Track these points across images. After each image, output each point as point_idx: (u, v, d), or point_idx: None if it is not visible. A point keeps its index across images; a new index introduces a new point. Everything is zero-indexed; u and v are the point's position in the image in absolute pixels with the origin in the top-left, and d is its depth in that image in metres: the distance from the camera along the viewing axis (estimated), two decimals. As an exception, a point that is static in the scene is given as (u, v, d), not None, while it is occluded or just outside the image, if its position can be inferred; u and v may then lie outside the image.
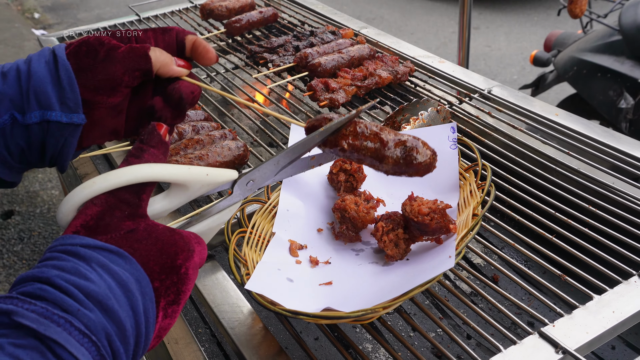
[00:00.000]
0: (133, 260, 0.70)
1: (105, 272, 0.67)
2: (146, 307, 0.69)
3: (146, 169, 0.74)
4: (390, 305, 0.92)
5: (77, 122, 0.88)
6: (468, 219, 1.08)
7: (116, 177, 0.72)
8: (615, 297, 1.08)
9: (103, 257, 0.68)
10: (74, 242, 0.69)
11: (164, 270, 0.72)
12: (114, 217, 0.72)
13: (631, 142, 1.55)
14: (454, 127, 1.27)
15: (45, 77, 0.87)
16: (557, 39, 3.95)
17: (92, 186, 0.72)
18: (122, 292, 0.67)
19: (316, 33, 2.18)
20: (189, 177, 0.78)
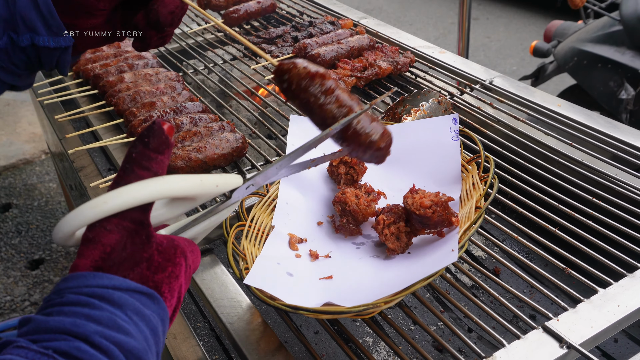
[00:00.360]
0: (160, 300, 0.66)
1: (141, 320, 0.62)
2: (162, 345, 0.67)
3: (161, 185, 0.67)
4: (392, 300, 0.90)
5: (64, 45, 0.93)
6: (471, 211, 1.06)
7: (130, 196, 0.64)
8: (620, 290, 1.06)
9: (137, 300, 0.63)
10: (102, 284, 0.62)
11: (172, 292, 0.69)
12: (135, 246, 0.66)
13: (634, 133, 1.53)
14: (456, 118, 1.25)
15: (27, 2, 0.89)
16: (557, 30, 3.92)
17: (103, 205, 0.64)
18: (154, 340, 0.63)
19: (315, 23, 2.15)
20: (200, 189, 0.74)
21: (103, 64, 1.91)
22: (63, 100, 1.91)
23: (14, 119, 5.09)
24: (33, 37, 0.91)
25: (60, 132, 1.85)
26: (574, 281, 1.13)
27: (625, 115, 3.17)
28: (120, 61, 1.93)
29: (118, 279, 0.63)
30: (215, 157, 1.46)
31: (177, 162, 1.41)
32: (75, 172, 1.72)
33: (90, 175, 1.69)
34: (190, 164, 1.42)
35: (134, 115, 1.62)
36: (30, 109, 5.16)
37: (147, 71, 1.85)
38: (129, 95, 1.70)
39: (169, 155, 0.72)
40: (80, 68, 1.93)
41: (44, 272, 3.57)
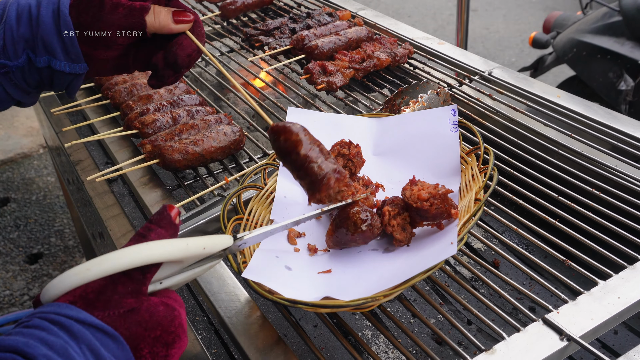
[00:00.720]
0: (126, 347, 0.66)
1: (93, 356, 0.63)
2: None
3: (147, 250, 0.70)
4: (391, 294, 0.89)
5: (79, 72, 0.97)
6: (470, 203, 1.05)
7: (112, 262, 0.68)
8: (621, 282, 1.06)
9: (96, 338, 0.64)
10: (68, 314, 0.64)
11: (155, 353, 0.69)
12: (115, 293, 0.68)
13: (633, 123, 1.52)
14: (455, 109, 1.24)
15: (51, 28, 0.93)
16: (557, 21, 3.91)
17: (85, 273, 0.67)
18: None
19: (313, 15, 2.14)
20: (186, 253, 0.75)
21: (99, 56, 1.90)
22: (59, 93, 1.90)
23: (11, 112, 5.08)
24: (50, 60, 0.95)
25: (57, 126, 1.84)
26: (573, 273, 1.12)
27: (624, 106, 3.16)
28: (116, 54, 1.91)
29: (84, 314, 0.65)
30: (212, 150, 1.45)
31: (174, 155, 1.40)
32: (72, 166, 1.71)
33: (87, 169, 1.68)
34: (188, 157, 1.42)
35: (130, 109, 1.61)
36: (28, 103, 5.14)
37: (144, 64, 1.83)
38: (126, 88, 1.69)
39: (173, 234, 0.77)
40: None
41: (43, 266, 3.57)
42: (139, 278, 0.70)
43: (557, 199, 1.28)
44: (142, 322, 0.68)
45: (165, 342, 0.70)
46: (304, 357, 1.23)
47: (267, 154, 1.51)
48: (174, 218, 0.77)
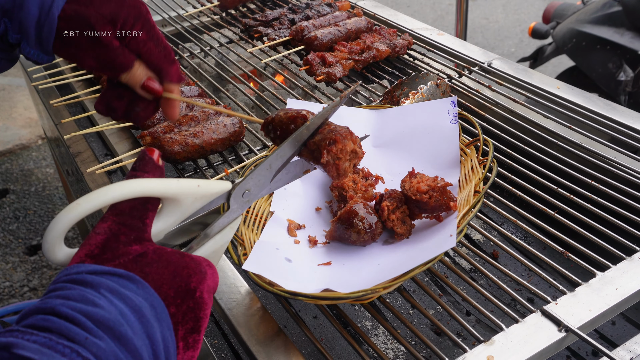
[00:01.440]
0: (146, 284, 0.65)
1: (116, 297, 0.62)
2: (164, 336, 0.64)
3: (132, 184, 0.69)
4: (391, 286, 0.90)
5: (44, 62, 0.97)
6: (469, 195, 1.06)
7: (99, 196, 0.67)
8: (619, 273, 1.06)
9: (112, 282, 0.63)
10: (79, 270, 0.64)
11: (179, 294, 0.68)
12: (119, 243, 0.68)
13: (632, 115, 1.52)
14: (455, 101, 1.24)
15: (32, 20, 0.91)
16: (556, 11, 3.90)
17: (77, 208, 0.66)
18: (136, 317, 0.62)
19: (312, 5, 2.13)
20: (178, 189, 0.73)
21: (98, 48, 1.89)
22: (58, 85, 1.90)
23: (9, 104, 5.06)
24: (22, 45, 0.94)
25: (56, 117, 1.84)
26: (572, 264, 1.12)
27: (624, 97, 3.16)
28: (115, 45, 1.90)
29: (93, 266, 0.64)
30: (212, 141, 1.45)
31: (174, 147, 1.40)
32: (72, 158, 1.71)
33: (86, 160, 1.68)
34: (188, 149, 1.42)
35: (130, 100, 1.61)
36: (26, 94, 5.13)
37: (143, 55, 1.83)
38: (125, 79, 1.69)
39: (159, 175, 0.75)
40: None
41: (42, 258, 3.58)
42: (139, 226, 0.70)
43: (556, 191, 1.28)
44: (152, 263, 0.68)
45: (181, 276, 0.69)
46: (304, 348, 1.23)
47: (267, 145, 1.51)
48: (157, 160, 0.75)
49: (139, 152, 0.75)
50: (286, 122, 0.95)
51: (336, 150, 0.91)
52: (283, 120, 0.96)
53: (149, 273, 0.67)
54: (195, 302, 0.69)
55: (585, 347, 1.24)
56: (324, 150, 0.90)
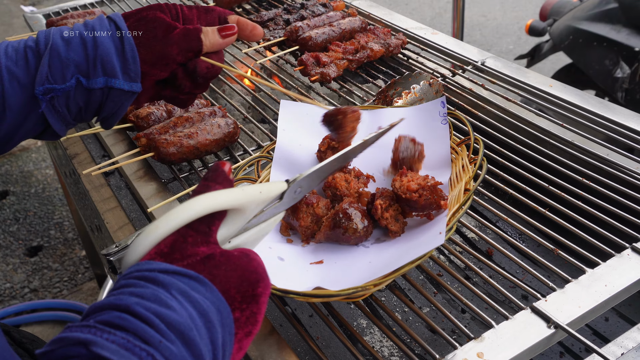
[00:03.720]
0: (214, 288, 0.66)
1: (186, 299, 0.62)
2: (225, 340, 0.65)
3: (206, 200, 0.70)
4: (381, 283, 0.91)
5: (136, 90, 1.01)
6: (460, 194, 1.07)
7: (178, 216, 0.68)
8: (608, 270, 1.07)
9: (183, 283, 0.64)
10: (150, 268, 0.64)
11: (246, 299, 0.68)
12: (187, 244, 0.68)
13: (626, 113, 1.53)
14: (444, 101, 1.25)
15: (111, 48, 0.97)
16: (553, 8, 3.90)
17: (156, 231, 0.68)
18: (203, 322, 0.62)
19: (307, 6, 2.14)
20: (244, 199, 0.74)
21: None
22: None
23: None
24: (108, 80, 0.98)
25: (53, 120, 1.85)
26: (566, 262, 1.13)
27: (620, 93, 3.17)
28: (111, 47, 1.92)
29: (164, 264, 0.65)
30: (207, 142, 1.46)
31: (169, 148, 1.42)
32: (69, 159, 1.73)
33: (83, 162, 1.70)
34: (182, 150, 1.43)
35: (125, 102, 1.62)
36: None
37: (139, 57, 1.84)
38: (121, 81, 1.70)
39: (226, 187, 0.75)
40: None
41: (43, 259, 3.59)
42: (205, 231, 0.70)
43: (548, 189, 1.29)
44: (220, 265, 0.68)
45: (249, 281, 0.69)
46: (300, 346, 1.24)
47: (262, 146, 1.52)
48: (229, 173, 0.77)
49: (213, 164, 0.78)
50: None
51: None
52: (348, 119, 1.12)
53: (217, 275, 0.67)
54: (258, 307, 0.70)
55: (579, 343, 1.25)
56: None
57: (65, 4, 2.52)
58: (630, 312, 1.40)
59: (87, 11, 2.22)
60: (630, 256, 1.10)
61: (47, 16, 2.43)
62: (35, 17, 2.45)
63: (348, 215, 1.06)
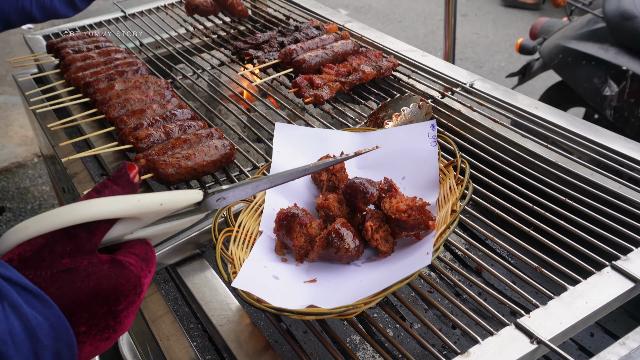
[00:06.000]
0: (53, 305, 0.67)
1: (15, 313, 0.64)
2: (58, 351, 0.67)
3: (88, 208, 0.69)
4: (371, 301, 0.95)
5: None
6: (447, 214, 1.11)
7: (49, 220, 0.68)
8: (589, 287, 1.12)
9: (20, 296, 0.65)
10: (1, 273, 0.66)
11: (97, 316, 0.70)
12: (52, 253, 0.69)
13: (610, 135, 1.58)
14: (434, 124, 1.30)
15: None
16: (543, 27, 3.97)
17: (24, 231, 0.69)
18: (25, 336, 0.64)
19: (301, 28, 2.20)
20: (137, 210, 0.73)
21: (93, 72, 1.95)
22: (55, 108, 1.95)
23: (5, 122, 5.12)
24: None
25: (53, 140, 1.89)
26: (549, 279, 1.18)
27: (609, 111, 3.23)
28: (110, 69, 1.97)
29: (13, 272, 0.66)
30: (204, 164, 1.50)
31: (167, 169, 1.46)
32: (69, 179, 1.77)
33: (83, 181, 1.74)
34: (180, 171, 1.47)
35: (124, 123, 1.67)
36: (22, 112, 5.18)
37: (137, 79, 1.89)
38: (119, 103, 1.75)
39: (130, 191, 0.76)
40: (71, 76, 1.97)
41: (39, 275, 3.60)
42: (83, 236, 0.70)
43: (532, 208, 1.34)
44: (77, 282, 0.69)
45: (105, 300, 0.70)
46: (294, 361, 1.28)
47: (257, 166, 1.57)
48: (133, 177, 0.76)
49: (120, 164, 0.77)
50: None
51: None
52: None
53: (66, 293, 0.68)
54: (115, 320, 0.71)
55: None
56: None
57: (64, 26, 2.57)
58: (615, 328, 1.44)
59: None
60: (609, 274, 1.14)
61: (47, 37, 2.48)
62: (35, 38, 2.50)
63: (340, 235, 1.11)
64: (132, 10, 2.67)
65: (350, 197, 1.19)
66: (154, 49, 2.39)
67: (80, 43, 2.17)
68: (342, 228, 1.11)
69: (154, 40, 2.40)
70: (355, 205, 1.20)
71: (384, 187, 1.20)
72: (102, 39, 2.22)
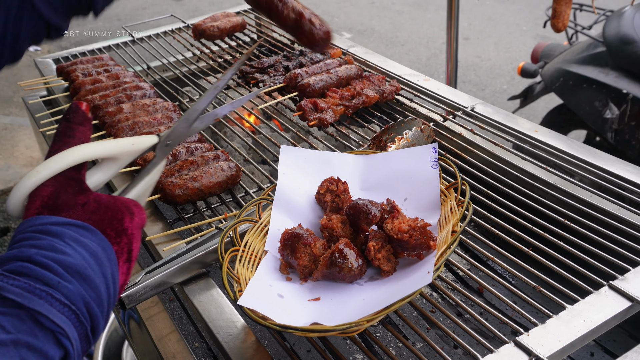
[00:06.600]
0: (98, 232, 0.80)
1: (78, 245, 0.76)
2: (112, 271, 0.80)
3: (82, 150, 0.85)
4: (374, 319, 0.98)
5: None
6: (448, 235, 1.14)
7: (57, 163, 0.82)
8: (587, 306, 1.14)
9: (73, 231, 0.77)
10: (43, 222, 0.77)
11: (118, 234, 0.83)
12: (68, 194, 0.82)
13: (608, 159, 1.61)
14: (435, 147, 1.33)
15: None
16: (544, 51, 4.03)
17: (37, 175, 0.81)
18: (94, 261, 0.77)
19: (305, 53, 2.25)
20: (118, 150, 0.92)
21: (102, 94, 2.00)
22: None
23: (11, 143, 5.17)
24: None
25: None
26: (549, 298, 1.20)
27: (610, 134, 3.26)
28: (119, 92, 2.02)
29: (55, 218, 0.79)
30: (210, 185, 1.54)
31: (174, 190, 1.49)
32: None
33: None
34: (187, 192, 1.51)
35: (133, 145, 1.70)
36: (28, 133, 5.24)
37: (145, 101, 1.94)
38: (128, 125, 1.79)
39: (90, 127, 0.91)
40: (81, 99, 2.02)
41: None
42: (78, 178, 0.85)
43: (532, 229, 1.36)
44: (96, 210, 0.83)
45: (117, 219, 0.84)
46: (298, 380, 1.30)
47: (262, 187, 1.60)
48: (87, 111, 0.90)
49: (71, 104, 0.90)
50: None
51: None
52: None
53: (95, 220, 0.82)
54: (128, 238, 0.84)
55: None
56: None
57: (74, 50, 2.63)
58: (615, 348, 1.46)
59: (95, 57, 2.32)
60: (607, 293, 1.17)
61: (57, 61, 2.54)
62: (45, 62, 2.55)
63: (344, 255, 1.14)
64: (140, 34, 2.73)
65: (353, 217, 1.22)
66: (161, 72, 2.44)
67: (90, 67, 2.23)
68: (345, 248, 1.14)
69: (161, 63, 2.45)
70: (358, 225, 1.23)
71: (386, 208, 1.23)
72: (111, 63, 2.28)
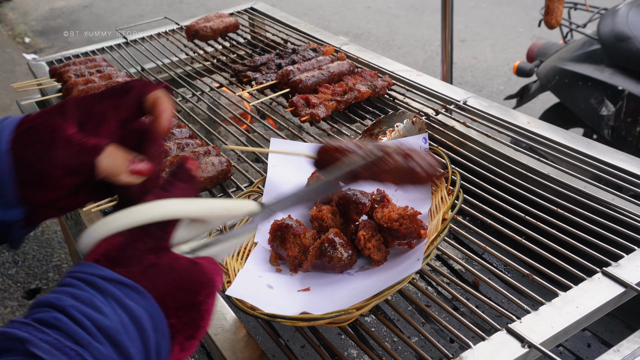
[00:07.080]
0: (149, 296, 0.70)
1: (119, 306, 0.68)
2: (159, 343, 0.71)
3: (167, 206, 0.74)
4: (364, 306, 0.97)
5: (13, 219, 0.86)
6: (438, 223, 1.13)
7: (137, 215, 0.73)
8: (580, 293, 1.13)
9: (119, 290, 0.69)
10: (92, 272, 0.70)
11: (183, 307, 0.73)
12: (136, 250, 0.73)
13: (597, 146, 1.60)
14: (426, 137, 1.33)
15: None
16: (539, 50, 4.03)
17: (112, 223, 0.73)
18: (134, 327, 0.68)
19: (298, 51, 2.24)
20: (209, 212, 0.78)
21: (95, 95, 1.99)
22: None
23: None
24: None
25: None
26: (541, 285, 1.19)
27: (607, 130, 3.26)
28: (111, 92, 2.00)
29: (107, 270, 0.71)
30: (201, 180, 1.53)
31: (165, 186, 1.48)
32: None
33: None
34: (178, 188, 1.49)
35: (124, 143, 1.70)
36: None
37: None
38: (120, 124, 1.78)
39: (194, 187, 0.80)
40: (73, 99, 2.00)
41: (41, 301, 3.61)
42: (157, 234, 0.74)
43: (524, 218, 1.35)
44: (162, 275, 0.72)
45: (188, 291, 0.73)
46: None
47: (253, 182, 1.59)
48: (194, 171, 0.80)
49: (179, 161, 0.81)
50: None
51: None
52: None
53: (156, 285, 0.72)
54: (198, 314, 0.74)
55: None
56: None
57: (68, 52, 2.63)
58: (612, 338, 1.45)
59: (88, 58, 2.32)
60: (600, 280, 1.16)
61: (50, 63, 2.53)
62: (39, 64, 2.55)
63: (333, 245, 1.12)
64: (134, 36, 2.73)
65: (343, 207, 1.21)
66: (155, 73, 2.44)
67: (83, 67, 2.22)
68: (335, 237, 1.13)
69: (155, 65, 2.45)
70: (348, 215, 1.22)
71: (376, 197, 1.22)
72: (103, 64, 2.27)
